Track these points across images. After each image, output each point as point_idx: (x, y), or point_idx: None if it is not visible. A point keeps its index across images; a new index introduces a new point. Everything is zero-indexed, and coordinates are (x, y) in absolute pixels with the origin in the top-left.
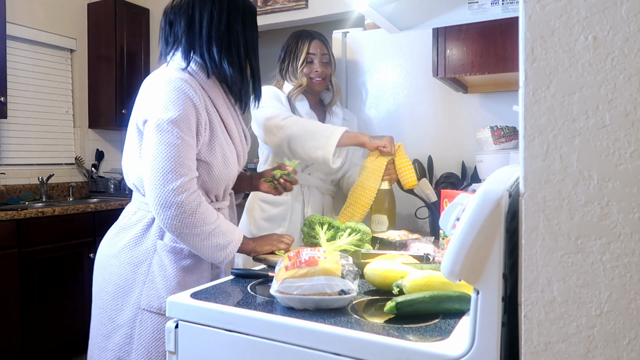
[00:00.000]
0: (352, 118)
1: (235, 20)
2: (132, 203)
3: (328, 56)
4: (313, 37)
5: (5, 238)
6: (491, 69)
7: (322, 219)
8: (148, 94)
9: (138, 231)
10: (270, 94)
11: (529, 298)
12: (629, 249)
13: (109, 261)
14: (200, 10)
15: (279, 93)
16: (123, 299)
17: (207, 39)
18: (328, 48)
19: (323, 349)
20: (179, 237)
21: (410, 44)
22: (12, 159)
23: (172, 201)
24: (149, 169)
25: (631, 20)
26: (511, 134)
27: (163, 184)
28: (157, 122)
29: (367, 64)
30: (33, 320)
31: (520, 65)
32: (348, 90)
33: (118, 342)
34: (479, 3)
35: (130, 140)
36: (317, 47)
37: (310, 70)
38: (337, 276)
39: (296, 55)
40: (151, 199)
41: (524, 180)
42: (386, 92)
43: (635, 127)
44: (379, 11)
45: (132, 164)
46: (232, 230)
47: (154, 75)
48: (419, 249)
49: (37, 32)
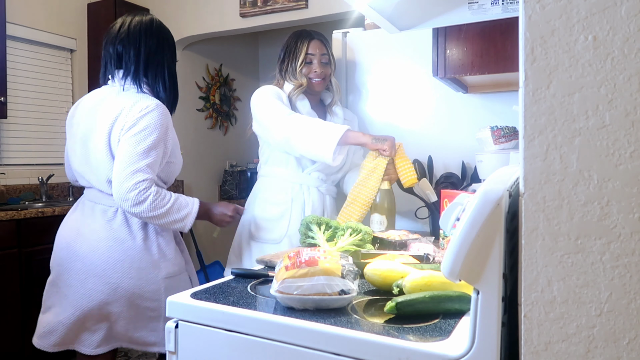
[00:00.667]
0: (353, 118)
1: (167, 52)
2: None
3: (327, 56)
4: (312, 37)
5: (5, 238)
6: (491, 69)
7: (319, 219)
8: (128, 113)
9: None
10: (272, 92)
11: (529, 298)
12: (629, 249)
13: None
14: (145, 43)
15: (280, 92)
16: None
17: (150, 66)
18: (327, 48)
19: (323, 349)
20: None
21: (410, 44)
22: (12, 159)
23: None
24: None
25: (631, 20)
26: (511, 134)
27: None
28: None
29: (367, 64)
30: (33, 320)
31: (520, 65)
32: (348, 90)
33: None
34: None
35: (102, 145)
36: (316, 47)
37: (310, 70)
38: (337, 276)
39: (295, 55)
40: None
41: (524, 180)
42: (386, 92)
43: (635, 127)
44: (379, 11)
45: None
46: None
47: (122, 96)
48: (419, 249)
49: (37, 32)
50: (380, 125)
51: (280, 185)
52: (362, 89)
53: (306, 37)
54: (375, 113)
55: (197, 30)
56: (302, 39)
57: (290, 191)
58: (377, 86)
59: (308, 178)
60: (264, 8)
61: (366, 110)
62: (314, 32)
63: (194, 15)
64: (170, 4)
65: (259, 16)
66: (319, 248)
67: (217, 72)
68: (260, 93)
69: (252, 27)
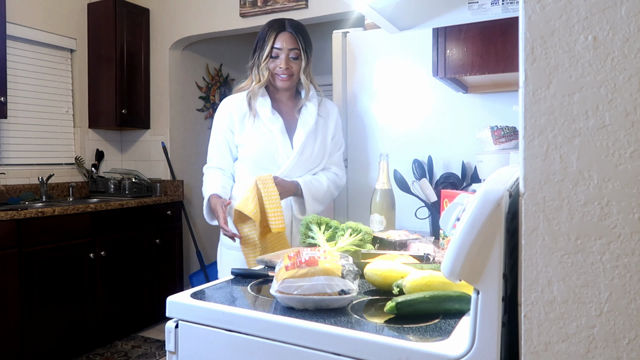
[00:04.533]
0: (331, 111)
1: None
2: None
3: (298, 51)
4: (283, 28)
5: (5, 238)
6: (491, 69)
7: (319, 219)
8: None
9: None
10: (219, 122)
11: (529, 298)
12: (629, 249)
13: None
14: None
15: (229, 109)
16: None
17: None
18: (300, 42)
19: (323, 349)
20: None
21: (410, 44)
22: (12, 159)
23: None
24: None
25: (631, 21)
26: (511, 134)
27: None
28: None
29: (367, 64)
30: (33, 320)
31: (520, 65)
32: (348, 90)
33: None
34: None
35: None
36: (284, 40)
37: (275, 65)
38: (337, 276)
39: (263, 47)
40: None
41: (524, 180)
42: (386, 92)
43: (635, 127)
44: (379, 11)
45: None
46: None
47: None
48: (419, 249)
49: (37, 32)
50: (380, 125)
51: None
52: (362, 89)
53: (275, 29)
54: (375, 113)
55: (197, 30)
56: (271, 30)
57: None
58: (377, 86)
59: None
60: (264, 8)
61: (366, 111)
62: (289, 21)
63: (194, 15)
64: (170, 4)
65: (259, 16)
66: (319, 248)
67: (217, 72)
68: (215, 117)
69: (252, 27)
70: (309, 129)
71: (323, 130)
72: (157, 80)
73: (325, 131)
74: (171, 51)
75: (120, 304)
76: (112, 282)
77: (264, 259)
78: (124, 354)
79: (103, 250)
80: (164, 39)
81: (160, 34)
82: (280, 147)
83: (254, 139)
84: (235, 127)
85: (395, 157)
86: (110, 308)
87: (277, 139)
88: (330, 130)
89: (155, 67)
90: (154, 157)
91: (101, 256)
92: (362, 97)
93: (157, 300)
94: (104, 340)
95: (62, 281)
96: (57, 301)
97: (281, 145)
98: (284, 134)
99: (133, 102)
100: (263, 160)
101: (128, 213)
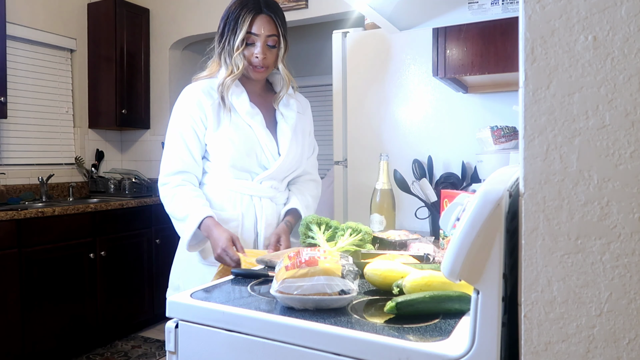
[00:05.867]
0: (306, 106)
1: None
2: None
3: (277, 37)
4: (260, 10)
5: (5, 238)
6: (491, 69)
7: (319, 219)
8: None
9: None
10: (182, 107)
11: (529, 298)
12: (629, 249)
13: None
14: None
15: (202, 102)
16: None
17: None
18: (279, 27)
19: (323, 349)
20: None
21: (410, 44)
22: (12, 159)
23: None
24: None
25: (631, 20)
26: (511, 134)
27: None
28: None
29: (367, 64)
30: (33, 320)
31: (520, 65)
32: (348, 90)
33: None
34: (479, 3)
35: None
36: (262, 25)
37: (251, 54)
38: (337, 276)
39: (235, 31)
40: None
41: (524, 180)
42: (386, 92)
43: (635, 127)
44: (379, 11)
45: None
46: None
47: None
48: (419, 249)
49: (37, 32)
50: (380, 125)
51: (227, 197)
52: (362, 89)
53: (251, 10)
54: (375, 113)
55: (197, 30)
56: (246, 11)
57: (240, 205)
58: (377, 86)
59: (259, 187)
60: None
61: (366, 111)
62: (265, 3)
63: (194, 15)
64: (170, 4)
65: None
66: (319, 248)
67: None
68: (174, 111)
69: None
70: (292, 124)
71: (302, 127)
72: (157, 80)
73: (304, 128)
74: (171, 51)
75: (120, 304)
76: (112, 282)
77: (264, 259)
78: (124, 354)
79: (103, 250)
80: (164, 39)
81: (160, 34)
82: (264, 144)
83: (230, 135)
84: (208, 120)
85: (395, 157)
86: (110, 308)
87: (258, 136)
88: (308, 128)
89: (155, 67)
90: (154, 157)
91: (101, 256)
92: (362, 97)
93: (157, 300)
94: (104, 340)
95: (62, 281)
96: (57, 301)
97: (264, 142)
98: (265, 129)
99: (133, 102)
100: (243, 161)
101: (128, 213)
